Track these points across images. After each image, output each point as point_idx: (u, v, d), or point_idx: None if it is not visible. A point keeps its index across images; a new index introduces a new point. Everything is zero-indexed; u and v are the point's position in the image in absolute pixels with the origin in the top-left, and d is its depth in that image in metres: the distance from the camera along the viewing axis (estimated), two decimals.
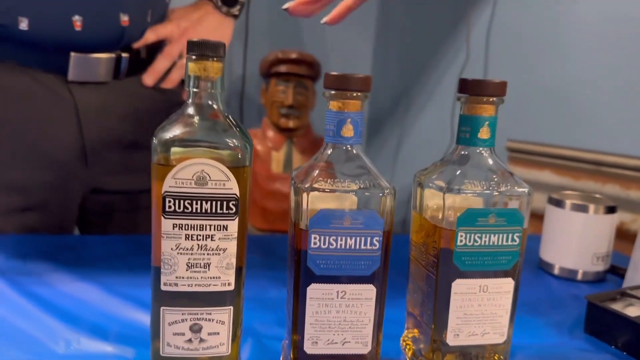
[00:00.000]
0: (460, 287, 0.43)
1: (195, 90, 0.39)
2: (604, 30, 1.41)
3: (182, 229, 0.38)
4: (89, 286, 0.60)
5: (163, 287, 0.38)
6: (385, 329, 0.44)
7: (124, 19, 0.73)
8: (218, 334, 0.39)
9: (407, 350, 0.48)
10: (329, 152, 0.42)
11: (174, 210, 0.37)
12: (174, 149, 0.37)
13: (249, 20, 1.62)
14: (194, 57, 0.38)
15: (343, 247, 0.40)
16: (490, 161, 0.45)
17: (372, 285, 0.41)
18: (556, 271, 0.73)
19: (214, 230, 0.38)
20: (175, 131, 0.37)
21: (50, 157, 0.74)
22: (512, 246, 0.43)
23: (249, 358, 0.47)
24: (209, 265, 0.38)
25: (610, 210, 0.71)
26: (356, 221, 0.40)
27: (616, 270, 0.74)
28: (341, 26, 0.63)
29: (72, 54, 0.72)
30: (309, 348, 0.42)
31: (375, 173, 0.42)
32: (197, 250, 0.38)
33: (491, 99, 0.43)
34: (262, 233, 1.56)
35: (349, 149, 0.42)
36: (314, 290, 0.41)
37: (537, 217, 0.79)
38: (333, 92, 0.41)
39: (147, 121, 0.82)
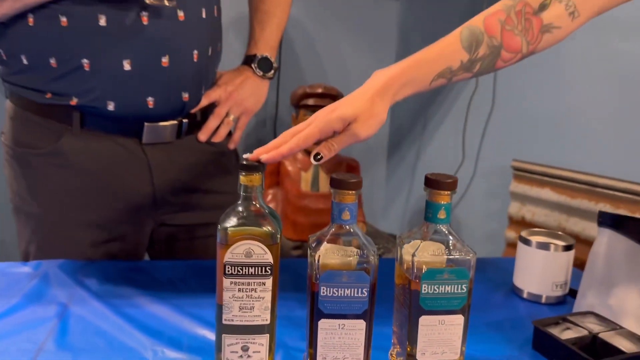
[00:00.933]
0: (425, 321, 0.61)
1: (244, 193, 0.57)
2: (598, 64, 1.54)
3: (236, 285, 0.57)
4: (164, 307, 0.79)
5: (224, 322, 0.58)
6: (378, 342, 0.62)
7: (185, 96, 0.93)
8: (259, 352, 0.59)
9: (393, 358, 0.67)
10: (333, 229, 0.60)
11: (231, 273, 0.56)
12: (230, 234, 0.56)
13: (282, 54, 1.80)
14: (243, 173, 0.57)
15: (342, 295, 0.58)
16: (447, 233, 0.62)
17: (362, 320, 0.60)
18: (525, 295, 0.90)
19: (256, 285, 0.57)
20: (231, 222, 0.56)
21: (128, 201, 0.95)
22: (461, 294, 0.61)
23: (280, 356, 0.66)
24: (253, 308, 0.57)
25: (568, 248, 0.87)
26: (351, 278, 0.58)
27: (574, 294, 0.90)
28: (362, 56, 0.77)
29: (146, 123, 0.92)
30: (320, 354, 0.60)
31: (364, 243, 0.60)
32: (246, 298, 0.57)
33: (446, 192, 0.61)
34: (293, 242, 1.75)
35: (347, 227, 0.60)
36: (323, 323, 0.59)
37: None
38: (335, 190, 0.59)
39: (202, 169, 1.02)
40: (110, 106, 0.88)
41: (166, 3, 0.81)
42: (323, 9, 1.97)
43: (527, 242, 0.89)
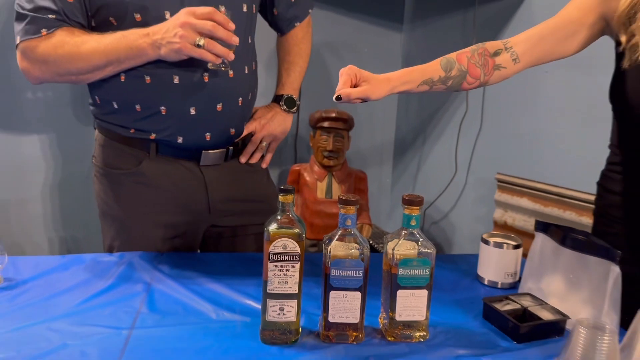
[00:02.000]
0: (401, 293, 0.89)
1: (281, 207, 0.86)
2: (567, 93, 1.79)
3: (276, 266, 0.85)
4: (218, 285, 1.08)
5: (268, 291, 0.86)
6: (371, 309, 0.90)
7: (232, 131, 1.22)
8: (291, 312, 0.87)
9: (381, 321, 0.95)
10: (340, 231, 0.88)
11: (273, 259, 0.84)
12: (272, 233, 0.84)
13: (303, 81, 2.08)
14: (281, 194, 0.85)
15: (345, 275, 0.86)
16: (417, 235, 0.90)
17: (359, 292, 0.87)
18: (486, 282, 1.17)
19: (289, 267, 0.85)
20: (273, 226, 0.85)
21: (189, 208, 1.24)
22: (425, 275, 0.88)
23: (303, 323, 0.94)
24: (287, 282, 0.85)
25: (517, 247, 1.14)
26: (351, 264, 0.86)
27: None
28: None
29: (203, 151, 1.21)
30: (330, 319, 0.88)
31: (361, 241, 0.88)
32: (282, 275, 0.85)
33: (415, 208, 0.88)
34: (310, 241, 2.03)
35: (349, 230, 0.88)
36: (332, 294, 0.87)
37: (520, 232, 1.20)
38: (341, 206, 0.87)
39: (242, 183, 1.31)
40: (179, 140, 1.17)
41: (222, 68, 1.10)
42: (337, 41, 2.24)
43: (487, 242, 1.16)
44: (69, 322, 0.93)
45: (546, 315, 0.96)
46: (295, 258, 0.85)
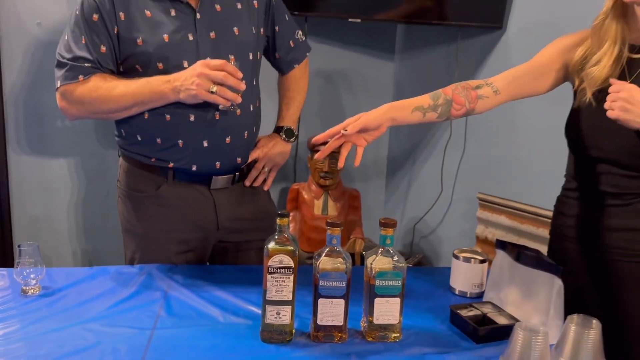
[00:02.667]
0: (378, 301, 1.05)
1: (278, 229, 1.02)
2: (542, 122, 1.96)
3: (273, 277, 1.02)
4: (225, 293, 1.24)
5: (267, 298, 1.03)
6: (354, 314, 1.07)
7: (238, 160, 1.39)
8: (286, 316, 1.03)
9: (362, 324, 1.11)
10: (327, 249, 1.05)
11: (272, 272, 1.01)
12: (271, 250, 1.01)
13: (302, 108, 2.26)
14: (279, 218, 1.02)
15: (331, 285, 1.03)
16: (392, 252, 1.06)
17: (343, 299, 1.04)
18: (457, 292, 1.33)
19: (284, 278, 1.02)
20: (272, 244, 1.02)
21: (201, 227, 1.41)
22: (398, 286, 1.05)
23: (296, 326, 1.10)
24: (282, 291, 1.02)
25: (482, 261, 1.31)
26: (336, 276, 1.03)
27: None
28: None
29: (213, 177, 1.38)
30: (319, 322, 1.05)
31: (345, 257, 1.04)
32: (279, 285, 1.02)
33: (390, 230, 1.05)
34: (307, 253, 2.19)
35: (335, 248, 1.04)
36: (321, 300, 1.04)
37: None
38: (328, 228, 1.04)
39: (246, 204, 1.47)
40: (194, 168, 1.34)
41: (231, 109, 1.28)
42: (334, 71, 2.42)
43: (457, 257, 1.33)
44: (100, 323, 1.09)
45: (502, 320, 1.12)
46: (290, 271, 1.02)
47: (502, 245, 1.23)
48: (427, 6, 2.06)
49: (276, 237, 1.03)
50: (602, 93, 1.08)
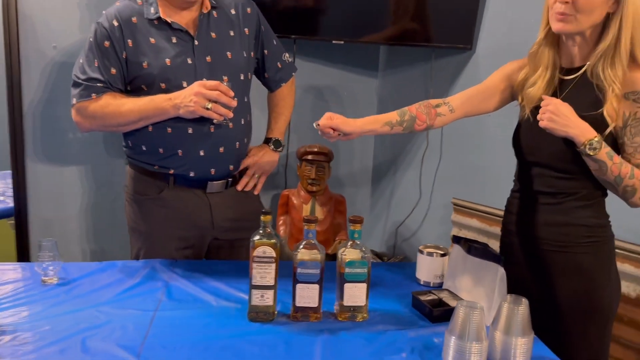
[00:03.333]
0: (347, 286, 1.22)
1: (262, 225, 1.20)
2: (503, 133, 2.13)
3: (258, 265, 1.19)
4: (218, 282, 1.41)
5: (252, 283, 1.20)
6: (329, 299, 1.24)
7: (231, 167, 1.57)
8: (269, 298, 1.20)
9: (335, 307, 1.28)
10: (305, 241, 1.22)
11: (256, 261, 1.19)
12: (256, 242, 1.19)
13: (292, 121, 2.44)
14: (262, 215, 1.19)
15: (307, 272, 1.20)
16: (360, 244, 1.23)
17: (317, 284, 1.21)
18: (421, 282, 1.50)
19: (267, 266, 1.19)
20: (257, 237, 1.19)
21: (198, 226, 1.58)
22: (364, 273, 1.22)
23: (279, 308, 1.27)
24: (266, 277, 1.19)
25: (443, 255, 1.48)
26: (312, 264, 1.20)
27: None
28: None
29: (209, 182, 1.56)
30: (297, 304, 1.22)
31: (319, 248, 1.22)
32: (262, 272, 1.19)
33: (358, 225, 1.22)
34: None
35: (311, 241, 1.22)
36: (299, 285, 1.21)
37: None
38: (305, 224, 1.21)
39: (239, 206, 1.64)
40: (192, 174, 1.52)
41: (224, 123, 1.46)
42: (321, 86, 2.60)
43: (421, 252, 1.50)
44: (110, 306, 1.26)
45: (453, 304, 1.29)
46: (272, 260, 1.19)
47: (457, 240, 1.40)
48: (404, 29, 2.24)
49: (260, 231, 1.20)
50: (537, 109, 1.26)
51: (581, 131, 1.17)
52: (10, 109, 1.92)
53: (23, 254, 1.99)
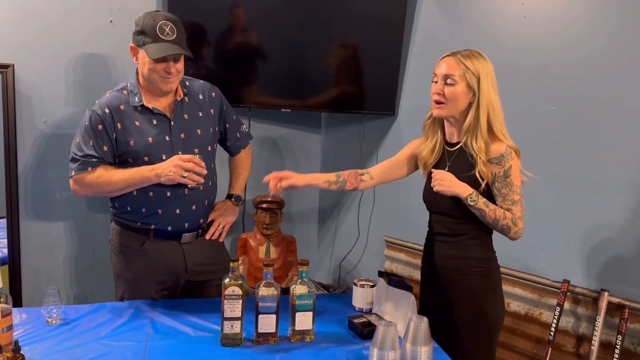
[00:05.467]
0: (298, 314, 1.54)
1: (231, 269, 1.51)
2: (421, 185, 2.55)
3: (228, 301, 1.49)
4: (193, 317, 1.69)
5: (224, 315, 1.50)
6: (283, 325, 1.55)
7: (201, 220, 1.88)
8: (237, 327, 1.51)
9: (289, 332, 1.59)
10: (264, 281, 1.54)
11: (227, 298, 1.49)
12: (227, 284, 1.49)
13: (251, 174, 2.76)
14: (231, 262, 1.51)
15: (266, 305, 1.52)
16: (307, 282, 1.56)
17: (274, 315, 1.53)
18: (356, 308, 1.83)
19: (235, 302, 1.50)
20: (227, 279, 1.50)
21: (174, 271, 1.86)
22: (310, 304, 1.55)
23: (245, 335, 1.57)
24: (234, 310, 1.50)
25: (372, 286, 1.83)
26: (270, 299, 1.52)
27: None
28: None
29: (183, 234, 1.85)
30: (259, 330, 1.52)
31: (275, 286, 1.54)
32: (231, 307, 1.50)
33: (304, 266, 1.56)
34: (253, 289, 2.64)
35: (270, 281, 1.54)
36: (260, 316, 1.52)
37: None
38: (264, 267, 1.53)
39: (207, 252, 1.94)
40: (169, 228, 1.82)
41: (196, 186, 1.77)
42: (274, 142, 2.95)
43: (355, 284, 1.84)
44: (109, 340, 1.53)
45: (378, 323, 1.63)
46: (239, 297, 1.50)
47: (381, 274, 1.76)
48: (340, 99, 2.64)
49: (230, 274, 1.51)
50: (430, 173, 1.66)
51: (462, 189, 1.56)
52: (7, 173, 2.16)
53: (15, 301, 2.19)
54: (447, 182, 1.56)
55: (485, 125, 1.57)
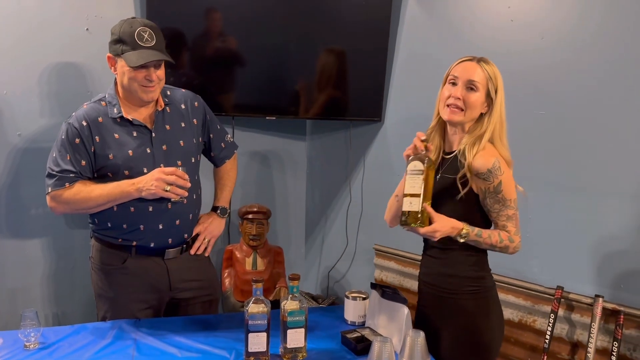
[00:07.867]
0: (289, 331, 1.50)
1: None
2: None
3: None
4: (179, 336, 1.63)
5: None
6: (276, 343, 1.50)
7: (185, 235, 1.82)
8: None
9: (280, 350, 1.54)
10: (253, 298, 1.49)
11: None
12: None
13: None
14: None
15: (256, 323, 1.47)
16: (299, 296, 1.52)
17: (265, 333, 1.48)
18: (349, 322, 1.79)
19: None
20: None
21: (157, 289, 1.80)
22: (302, 320, 1.50)
23: (233, 356, 1.52)
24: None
25: (364, 299, 1.79)
26: (260, 316, 1.47)
27: None
28: (284, 181, 1.58)
29: (167, 250, 1.79)
30: (249, 349, 1.47)
31: (265, 302, 1.49)
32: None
33: (295, 281, 1.51)
34: (241, 302, 2.59)
35: (259, 297, 1.49)
36: (250, 334, 1.47)
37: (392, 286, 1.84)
38: (253, 283, 1.48)
39: (192, 268, 1.89)
40: (152, 244, 1.76)
41: (179, 200, 1.71)
42: (260, 150, 2.90)
43: (347, 297, 1.80)
44: None
45: (373, 339, 1.60)
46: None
47: (373, 286, 1.72)
48: (325, 106, 2.61)
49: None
50: None
51: (453, 229, 1.50)
52: None
53: None
54: (438, 233, 1.50)
55: (488, 138, 1.53)
